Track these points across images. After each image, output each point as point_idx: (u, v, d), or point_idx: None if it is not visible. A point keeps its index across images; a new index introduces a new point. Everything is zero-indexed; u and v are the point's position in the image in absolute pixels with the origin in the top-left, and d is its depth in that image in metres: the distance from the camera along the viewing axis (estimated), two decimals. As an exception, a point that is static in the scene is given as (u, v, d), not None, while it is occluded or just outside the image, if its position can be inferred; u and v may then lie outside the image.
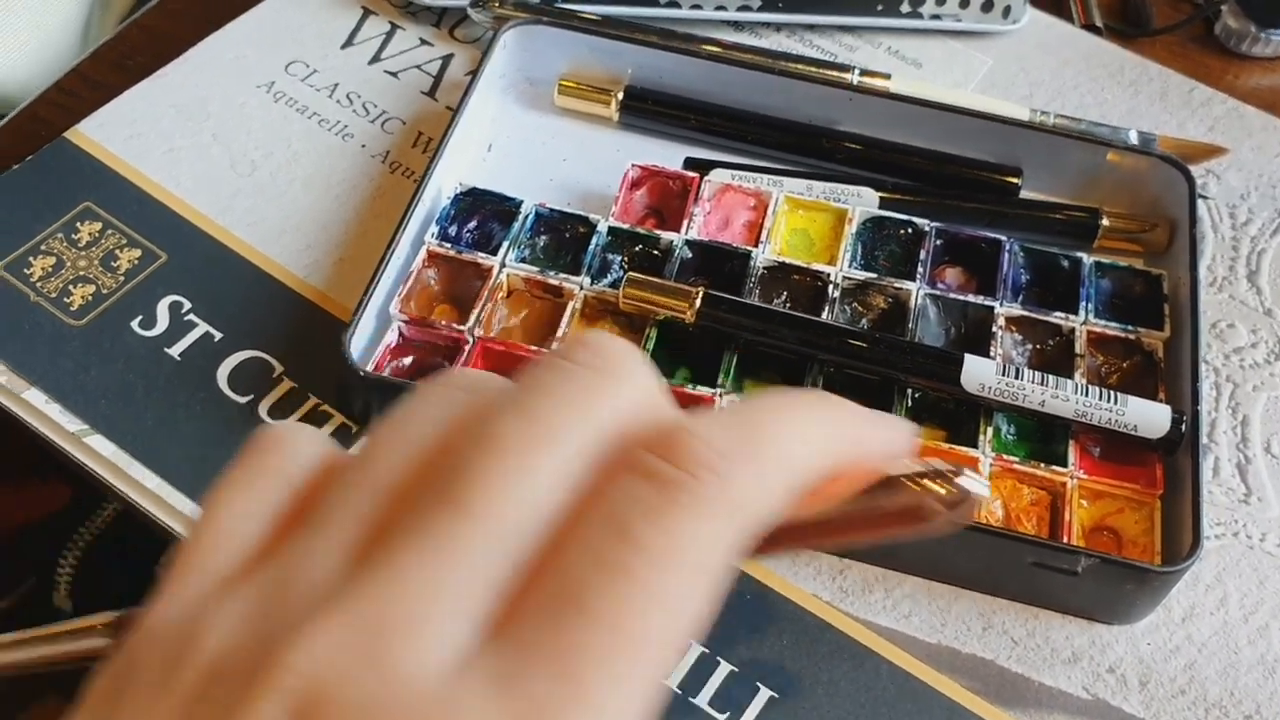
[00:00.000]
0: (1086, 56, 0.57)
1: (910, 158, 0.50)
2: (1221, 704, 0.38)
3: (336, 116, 0.52)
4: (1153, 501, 0.40)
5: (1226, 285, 0.49)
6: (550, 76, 0.52)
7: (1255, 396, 0.45)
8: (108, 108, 0.51)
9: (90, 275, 0.45)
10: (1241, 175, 0.52)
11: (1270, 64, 0.59)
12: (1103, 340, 0.44)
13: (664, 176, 0.48)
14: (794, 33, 0.57)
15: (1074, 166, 0.49)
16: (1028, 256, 0.46)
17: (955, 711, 0.37)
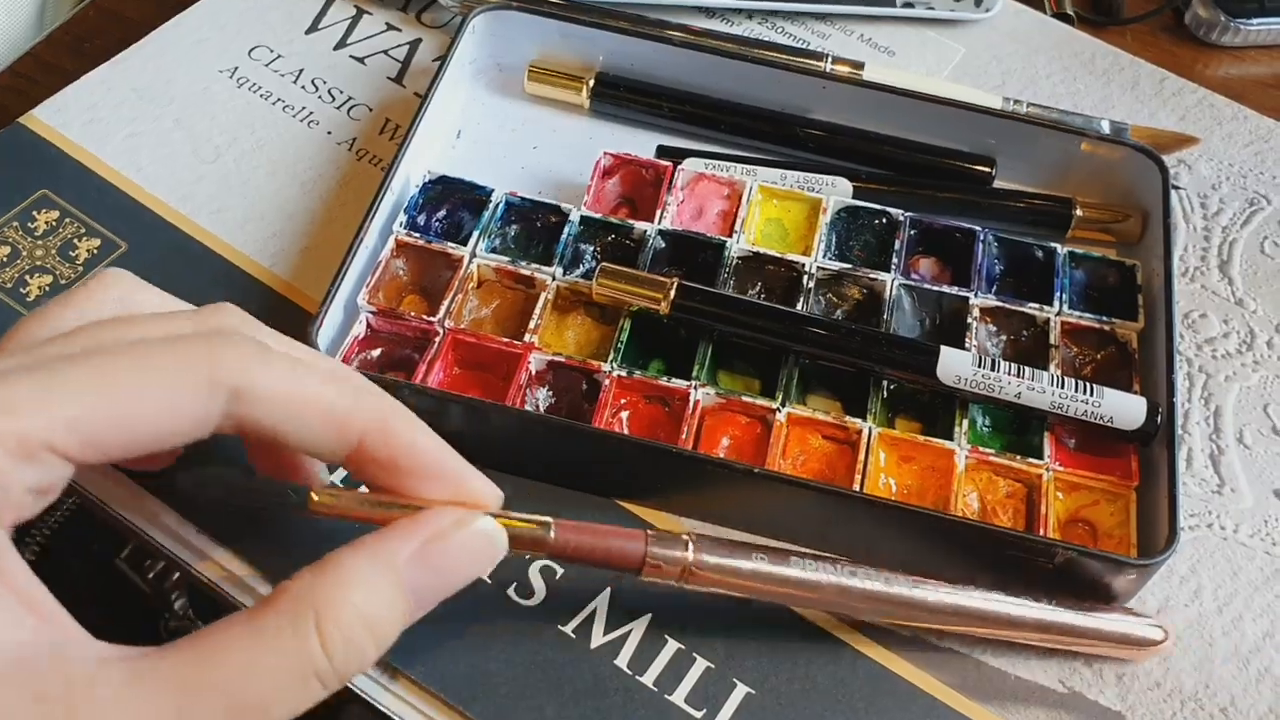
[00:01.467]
0: (1058, 45, 0.57)
1: (884, 146, 0.50)
2: (1197, 696, 0.38)
3: (302, 102, 0.51)
4: (1128, 494, 0.40)
5: (1198, 275, 0.49)
6: (520, 63, 0.51)
7: (1227, 387, 0.45)
8: (65, 92, 0.50)
9: (48, 265, 0.44)
10: (1212, 165, 0.52)
11: (1239, 53, 0.59)
12: (1077, 331, 0.44)
13: (637, 165, 0.47)
14: (766, 19, 0.56)
15: (1047, 156, 0.49)
16: (1002, 247, 0.46)
17: (932, 706, 0.37)
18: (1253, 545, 0.41)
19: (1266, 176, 0.52)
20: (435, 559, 0.28)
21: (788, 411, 0.41)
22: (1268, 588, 0.40)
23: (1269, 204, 0.51)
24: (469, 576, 0.30)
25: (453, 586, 0.29)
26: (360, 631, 0.26)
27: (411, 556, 0.28)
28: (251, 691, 0.25)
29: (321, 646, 0.26)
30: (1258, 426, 0.44)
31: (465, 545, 0.29)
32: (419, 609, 0.29)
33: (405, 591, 0.28)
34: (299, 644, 0.26)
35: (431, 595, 0.29)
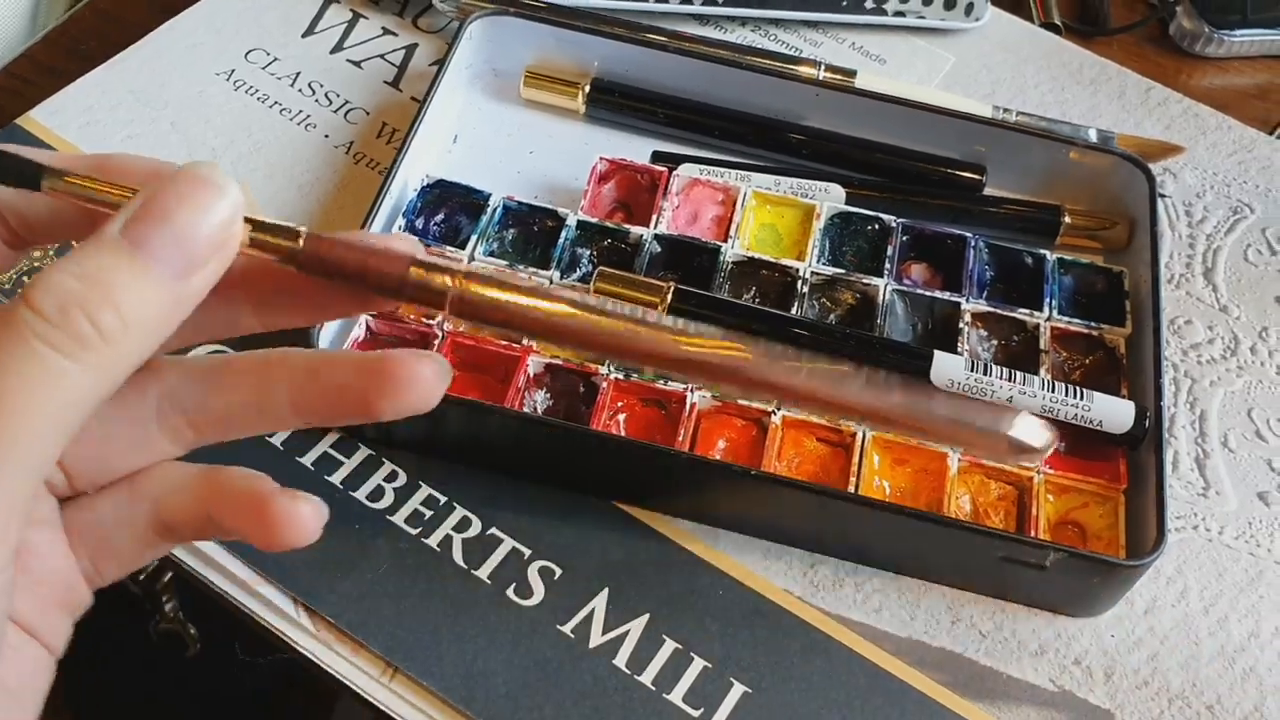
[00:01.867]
0: (1047, 55, 0.58)
1: (876, 153, 0.50)
2: (1184, 694, 0.39)
3: (299, 106, 0.51)
4: (1117, 496, 0.41)
5: (1184, 282, 0.50)
6: (516, 68, 0.51)
7: (1212, 392, 0.46)
8: (62, 93, 0.50)
9: (44, 266, 0.44)
10: (1197, 174, 0.53)
11: (1223, 64, 0.60)
12: (1066, 336, 0.45)
13: (632, 170, 0.48)
14: (759, 27, 0.57)
15: (1036, 164, 0.50)
16: (992, 253, 0.47)
17: (925, 704, 0.38)
18: (1237, 547, 0.42)
19: (1250, 185, 0.53)
20: (151, 208, 0.23)
21: (783, 414, 0.41)
22: (1252, 589, 0.41)
23: (1252, 212, 0.52)
24: (203, 225, 0.24)
25: (191, 238, 0.23)
26: (78, 291, 0.22)
27: (128, 220, 0.23)
28: (26, 417, 0.22)
29: (34, 313, 0.22)
30: (1242, 430, 0.45)
31: (181, 185, 0.23)
32: (167, 268, 0.23)
33: (129, 248, 0.23)
34: (12, 332, 0.22)
35: (174, 251, 0.23)
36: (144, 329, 0.23)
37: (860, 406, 0.25)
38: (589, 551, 0.40)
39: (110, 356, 0.23)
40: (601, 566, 0.39)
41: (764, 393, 0.26)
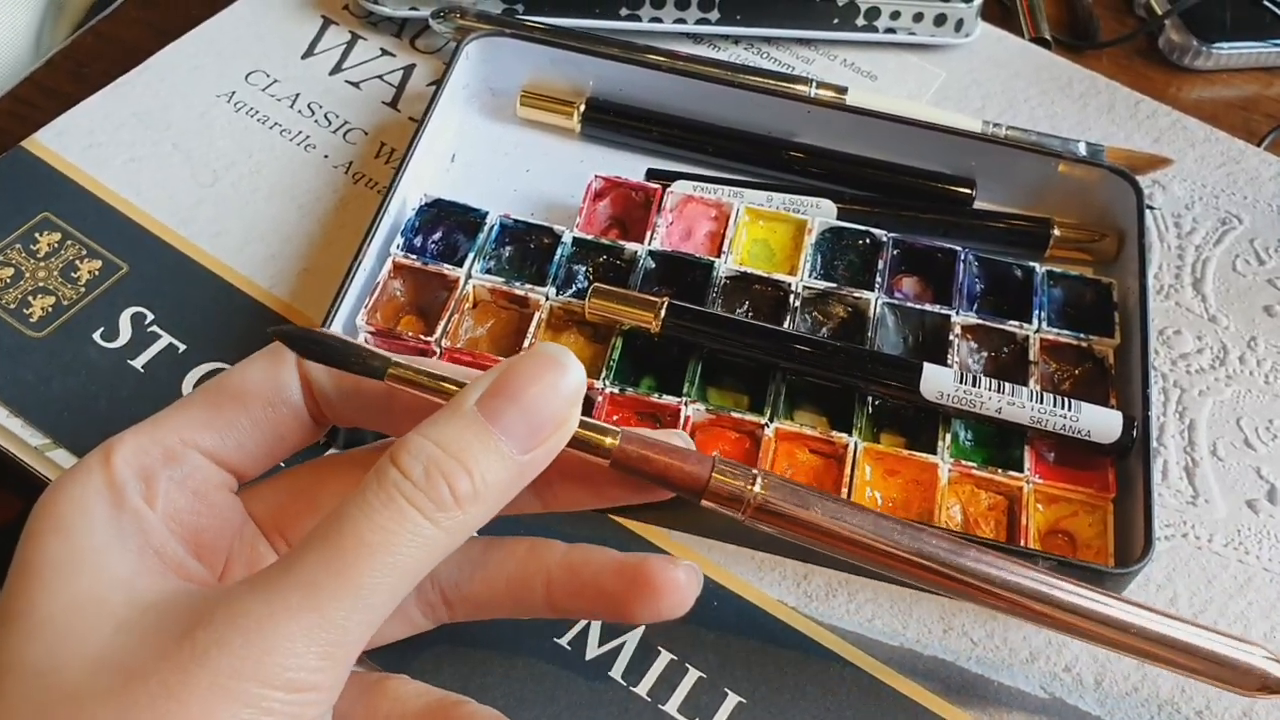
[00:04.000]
0: (1036, 69, 0.58)
1: (867, 169, 0.51)
2: (1173, 700, 0.39)
3: (298, 127, 0.52)
4: (1106, 505, 0.41)
5: (1173, 293, 0.50)
6: (512, 88, 0.52)
7: (1201, 401, 0.47)
8: (65, 116, 0.51)
9: (50, 286, 0.45)
10: (1185, 186, 0.54)
11: (1211, 77, 0.61)
12: (1055, 347, 0.45)
13: (627, 188, 0.48)
14: (751, 45, 0.58)
15: (1025, 177, 0.51)
16: (982, 266, 0.47)
17: (917, 712, 0.38)
18: (1226, 554, 0.43)
19: (1238, 196, 0.54)
20: (505, 384, 0.25)
21: (775, 426, 0.42)
22: (1241, 595, 0.42)
23: (1240, 223, 0.53)
24: (550, 404, 0.26)
25: (538, 415, 0.25)
26: (440, 458, 0.24)
27: (482, 395, 0.25)
28: (381, 564, 0.24)
29: (402, 474, 0.24)
30: (1230, 439, 0.46)
31: (532, 364, 0.26)
32: (515, 443, 0.25)
33: (482, 422, 0.25)
34: (382, 490, 0.24)
35: (522, 427, 0.25)
36: (490, 498, 0.25)
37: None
38: (585, 564, 0.40)
39: (460, 521, 0.25)
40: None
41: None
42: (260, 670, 0.23)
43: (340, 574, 0.24)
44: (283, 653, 0.23)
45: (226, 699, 0.23)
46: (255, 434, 0.29)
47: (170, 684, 0.23)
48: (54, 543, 0.25)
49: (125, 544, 0.26)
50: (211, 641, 0.23)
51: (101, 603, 0.24)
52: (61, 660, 0.23)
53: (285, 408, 0.29)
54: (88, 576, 0.25)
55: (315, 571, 0.24)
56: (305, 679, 0.23)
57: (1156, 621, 0.32)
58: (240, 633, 0.23)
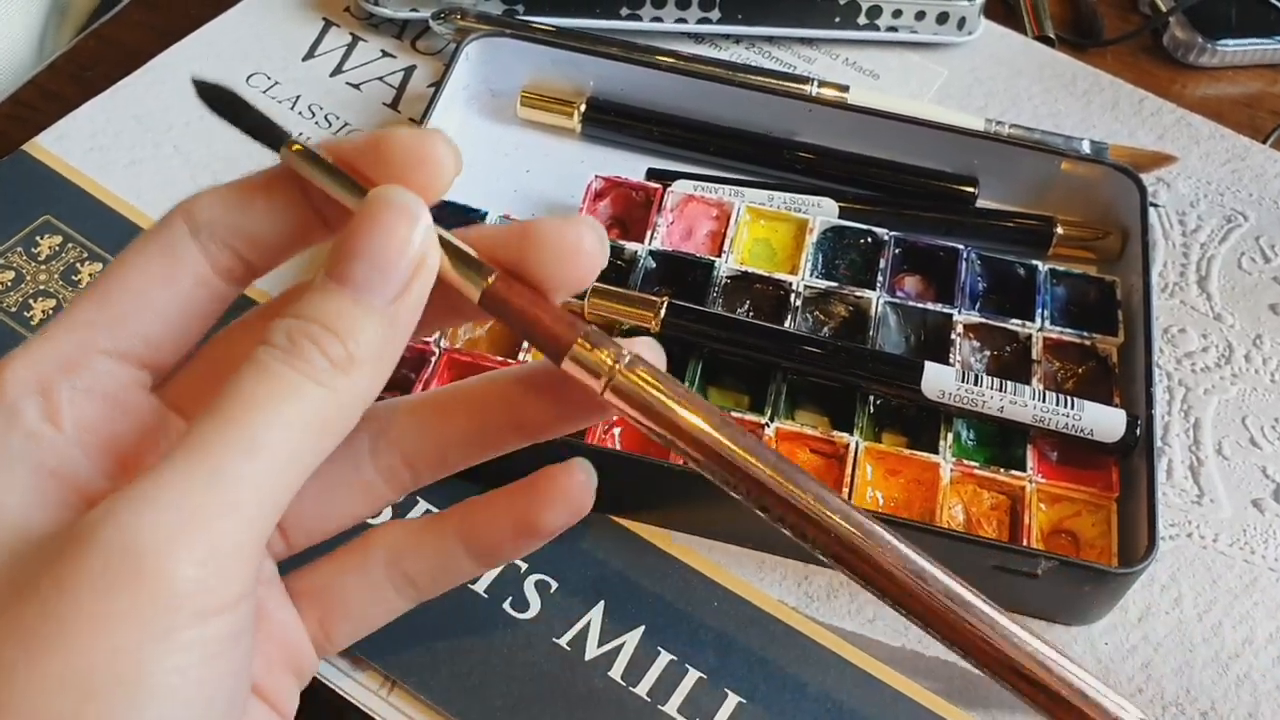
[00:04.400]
0: (1040, 67, 0.58)
1: (869, 168, 0.51)
2: (1178, 701, 0.39)
3: (299, 128, 0.52)
4: (1109, 504, 0.41)
5: (1178, 291, 0.50)
6: (513, 88, 0.52)
7: (1206, 400, 0.47)
8: (67, 119, 0.51)
9: (51, 289, 0.45)
10: (1190, 183, 0.54)
11: (1216, 74, 0.61)
12: (1059, 346, 0.45)
13: (627, 188, 0.48)
14: (753, 44, 0.58)
15: (1028, 175, 0.50)
16: (984, 264, 0.47)
17: (918, 713, 0.38)
18: (1231, 554, 0.42)
19: (1243, 194, 0.53)
20: (347, 244, 0.24)
21: (776, 426, 0.42)
22: (1246, 595, 0.41)
23: (1246, 220, 0.52)
24: (396, 249, 0.24)
25: (389, 263, 0.24)
26: (302, 326, 0.24)
27: (328, 260, 0.24)
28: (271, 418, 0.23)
29: (265, 345, 0.23)
30: (1236, 438, 0.45)
31: (370, 214, 0.24)
32: (374, 295, 0.24)
33: (334, 287, 0.24)
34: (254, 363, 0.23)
35: (376, 279, 0.24)
36: (370, 356, 0.24)
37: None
38: (585, 564, 0.40)
39: (345, 385, 0.24)
40: (597, 579, 0.40)
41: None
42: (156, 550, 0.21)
43: (230, 424, 0.22)
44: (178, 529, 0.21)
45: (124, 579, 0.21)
46: (158, 321, 0.26)
47: (61, 578, 0.21)
48: None
49: (13, 468, 0.24)
50: (94, 527, 0.21)
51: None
52: None
53: (187, 280, 0.26)
54: None
55: (205, 433, 0.22)
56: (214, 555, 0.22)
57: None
58: (121, 513, 0.22)
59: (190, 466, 0.22)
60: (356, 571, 0.30)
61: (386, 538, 0.30)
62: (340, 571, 0.30)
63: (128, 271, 0.26)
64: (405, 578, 0.30)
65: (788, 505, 0.27)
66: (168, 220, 0.26)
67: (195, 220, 0.26)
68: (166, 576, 0.21)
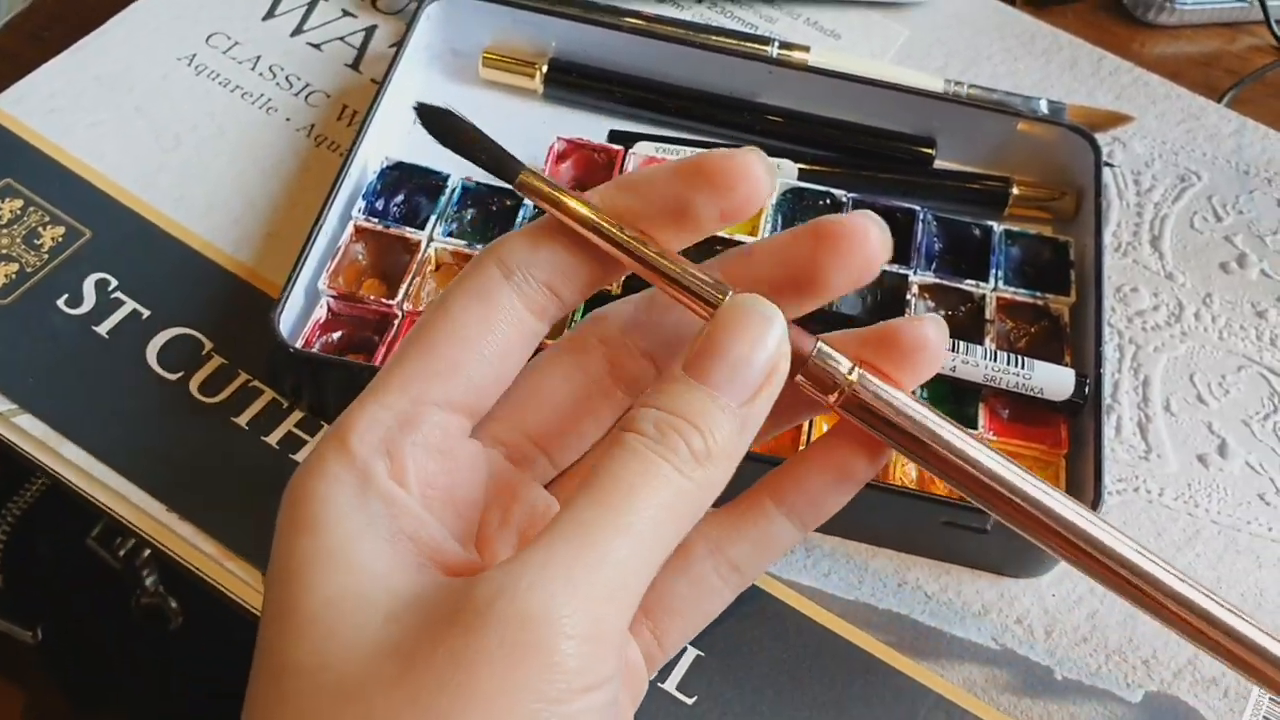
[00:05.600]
0: (1000, 26, 0.59)
1: (828, 130, 0.51)
2: (1121, 650, 0.40)
3: (260, 90, 0.52)
4: (1058, 461, 0.42)
5: (1131, 250, 0.51)
6: (474, 49, 0.52)
7: (1156, 358, 0.48)
8: (25, 81, 0.50)
9: (13, 254, 0.45)
10: (1146, 143, 0.54)
11: (1175, 32, 0.61)
12: (1012, 306, 0.46)
13: (589, 149, 0.49)
14: (715, 4, 0.58)
15: (986, 136, 0.51)
16: (941, 226, 0.48)
17: (872, 664, 0.39)
18: (1176, 508, 0.44)
19: (1197, 154, 0.54)
20: (709, 344, 0.25)
21: (734, 387, 0.42)
22: (1189, 547, 0.43)
23: (1199, 180, 0.53)
24: (755, 354, 0.25)
25: (747, 367, 0.25)
26: (666, 418, 0.25)
27: (687, 358, 0.25)
28: (644, 501, 0.24)
29: (639, 434, 0.25)
30: (1184, 395, 0.47)
31: (732, 319, 0.26)
32: (731, 396, 0.25)
33: (694, 384, 0.25)
34: (625, 448, 0.24)
35: (734, 381, 0.25)
36: (723, 450, 0.25)
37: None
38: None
39: (701, 476, 0.25)
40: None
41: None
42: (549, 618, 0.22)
43: (609, 509, 0.24)
44: (565, 598, 0.22)
45: (521, 653, 0.22)
46: (482, 365, 0.27)
47: (456, 651, 0.22)
48: (304, 542, 0.24)
49: (377, 533, 0.24)
50: (490, 603, 0.22)
51: (362, 597, 0.23)
52: (332, 657, 0.23)
53: (504, 322, 0.27)
54: (342, 573, 0.24)
55: (585, 513, 0.24)
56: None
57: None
58: (515, 590, 0.22)
59: (574, 547, 0.23)
60: (679, 572, 0.30)
61: (703, 531, 0.30)
62: (664, 578, 0.30)
63: (450, 319, 0.27)
64: (729, 564, 0.30)
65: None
66: (481, 265, 0.27)
67: (508, 263, 0.27)
68: (559, 652, 0.22)
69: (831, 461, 0.30)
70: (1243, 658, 0.29)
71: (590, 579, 0.23)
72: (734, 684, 0.38)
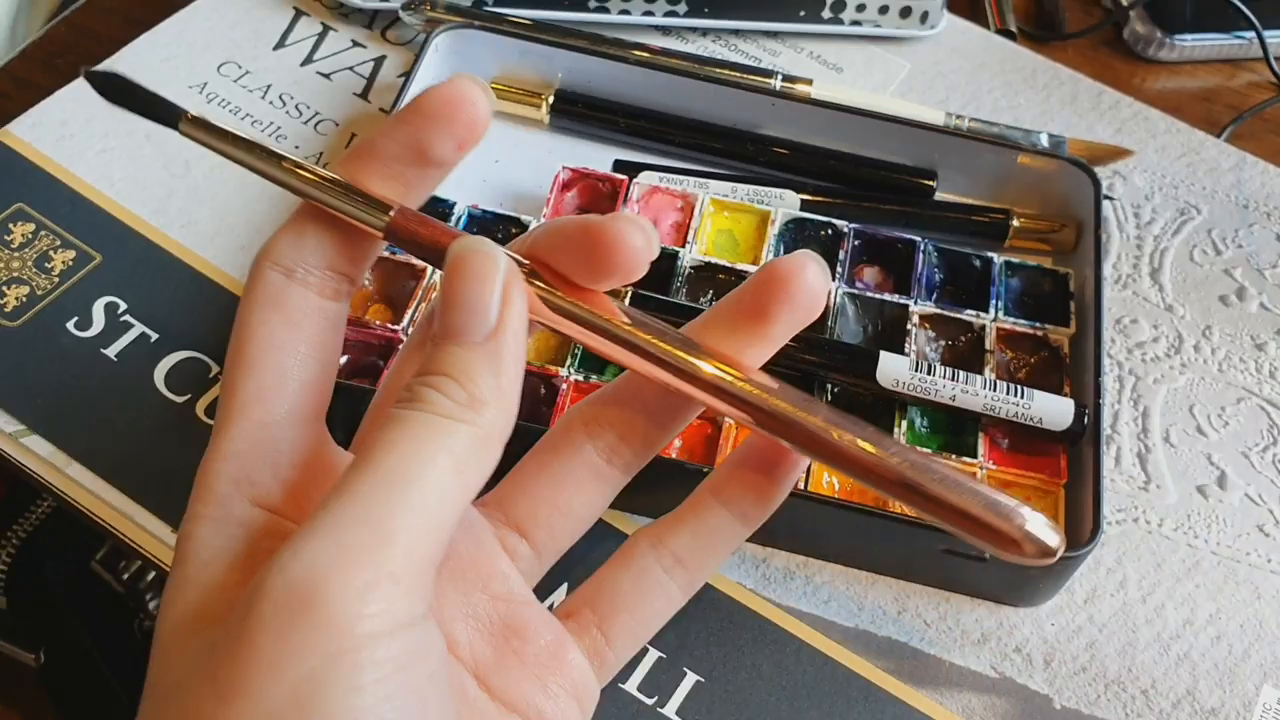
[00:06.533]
0: (1001, 61, 0.59)
1: (830, 161, 0.52)
2: (1120, 680, 0.40)
3: (270, 118, 0.52)
4: (1057, 490, 0.42)
5: (1130, 282, 0.51)
6: (481, 79, 0.53)
7: (1156, 389, 0.48)
8: (39, 107, 0.51)
9: (24, 276, 0.46)
10: (1146, 176, 0.55)
11: (1175, 68, 0.62)
12: (1012, 336, 0.46)
13: (594, 179, 0.49)
14: (719, 38, 0.59)
15: (987, 169, 0.51)
16: (941, 256, 0.48)
17: (871, 691, 0.39)
18: (1176, 538, 0.44)
19: (1197, 187, 0.55)
20: (445, 300, 0.26)
21: (736, 414, 0.43)
22: (1189, 578, 0.43)
23: (1199, 213, 0.54)
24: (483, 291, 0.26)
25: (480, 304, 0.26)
26: (424, 379, 0.25)
27: (436, 323, 0.26)
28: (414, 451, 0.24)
29: (395, 404, 0.25)
30: (1183, 426, 0.47)
31: (455, 271, 0.26)
32: (474, 334, 0.26)
33: (436, 339, 0.26)
34: (388, 418, 0.25)
35: (473, 321, 0.26)
36: (489, 391, 0.26)
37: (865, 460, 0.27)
38: (549, 548, 0.41)
39: (475, 419, 0.25)
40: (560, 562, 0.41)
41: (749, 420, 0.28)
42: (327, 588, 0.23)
43: (373, 468, 0.24)
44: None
45: (290, 615, 0.23)
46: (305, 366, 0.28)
47: (243, 630, 0.23)
48: (172, 575, 0.26)
49: (228, 554, 0.26)
50: (265, 577, 0.23)
51: (199, 614, 0.25)
52: (170, 669, 0.24)
53: (306, 318, 0.28)
54: (190, 595, 0.25)
55: (351, 478, 0.24)
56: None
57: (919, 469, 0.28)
58: (283, 560, 0.23)
59: (342, 508, 0.23)
60: (622, 567, 0.31)
61: (648, 530, 0.31)
62: (607, 574, 0.31)
63: (257, 335, 0.27)
64: (672, 557, 0.31)
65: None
66: (260, 275, 0.28)
67: (284, 264, 0.27)
68: (332, 602, 0.22)
69: (763, 454, 0.31)
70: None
71: (358, 531, 0.23)
72: (734, 710, 0.38)
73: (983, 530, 0.27)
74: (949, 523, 0.27)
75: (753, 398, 0.28)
